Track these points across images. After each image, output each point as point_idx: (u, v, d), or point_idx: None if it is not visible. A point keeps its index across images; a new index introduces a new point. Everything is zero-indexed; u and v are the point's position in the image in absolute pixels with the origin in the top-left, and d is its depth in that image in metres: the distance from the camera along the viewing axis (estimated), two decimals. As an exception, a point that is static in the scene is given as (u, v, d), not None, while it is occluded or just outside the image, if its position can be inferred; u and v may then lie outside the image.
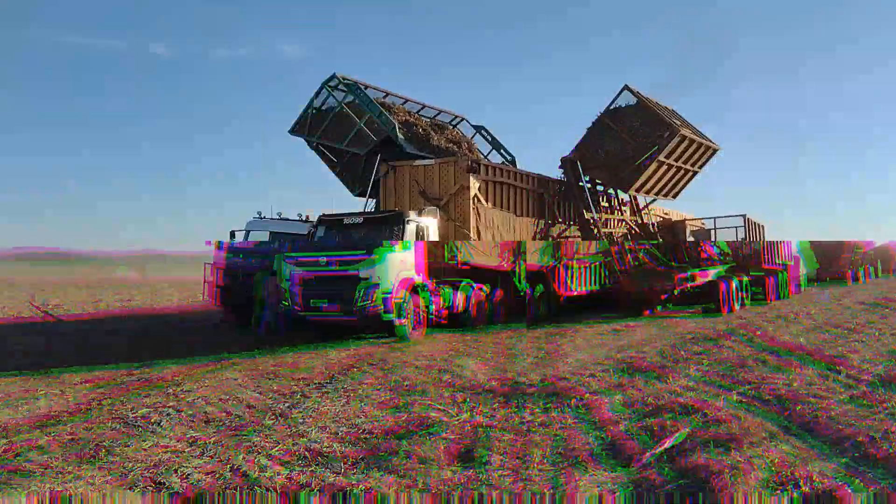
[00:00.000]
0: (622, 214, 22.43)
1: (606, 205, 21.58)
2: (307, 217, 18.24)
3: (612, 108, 19.97)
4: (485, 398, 7.99)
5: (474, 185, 16.13)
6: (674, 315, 19.20)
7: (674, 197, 22.72)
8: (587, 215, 19.52)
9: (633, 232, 22.44)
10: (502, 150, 21.54)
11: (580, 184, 19.78)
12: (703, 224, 25.58)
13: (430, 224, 14.94)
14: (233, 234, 17.80)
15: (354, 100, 17.92)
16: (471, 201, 16.02)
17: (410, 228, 14.12)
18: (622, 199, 22.58)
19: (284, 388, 8.89)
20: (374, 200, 17.94)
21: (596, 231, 19.53)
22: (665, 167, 20.45)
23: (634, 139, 19.48)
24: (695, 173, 22.45)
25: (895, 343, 12.19)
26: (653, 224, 23.45)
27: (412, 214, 14.52)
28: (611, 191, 21.64)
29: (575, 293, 19.29)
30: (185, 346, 13.86)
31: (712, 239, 24.35)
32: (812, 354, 10.81)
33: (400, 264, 14.09)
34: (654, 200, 22.81)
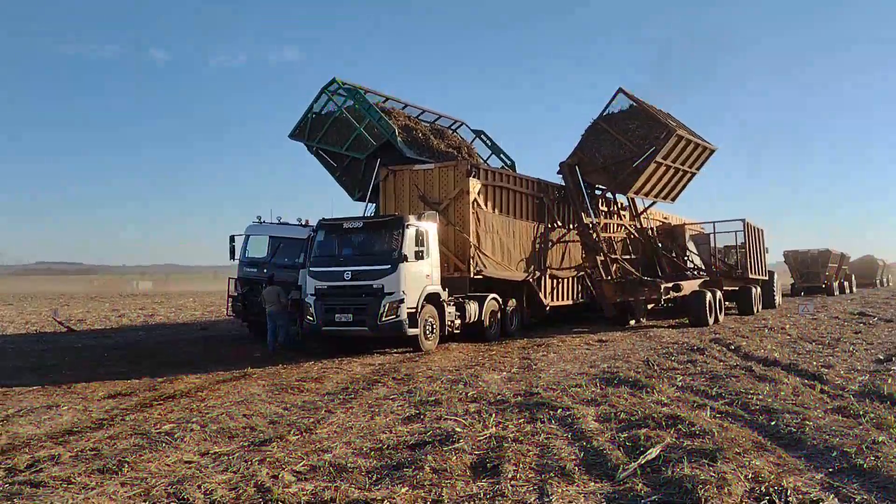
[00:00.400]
0: (622, 219, 22.59)
1: (605, 209, 21.74)
2: (307, 222, 18.32)
3: (607, 111, 20.08)
4: (500, 409, 8.08)
5: (474, 189, 16.20)
6: (657, 326, 19.46)
7: (672, 200, 22.83)
8: (586, 220, 19.65)
9: (632, 237, 22.61)
10: (502, 155, 21.66)
11: (579, 188, 19.90)
12: (702, 229, 25.73)
13: (430, 228, 14.98)
14: (232, 239, 17.88)
15: (354, 104, 18.00)
16: (470, 205, 16.08)
17: (410, 233, 14.17)
18: (622, 204, 22.74)
19: (308, 402, 8.97)
20: (374, 205, 18.03)
21: (595, 235, 19.68)
22: (663, 168, 20.55)
23: (631, 142, 19.59)
24: (693, 175, 22.55)
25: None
26: (651, 229, 23.62)
27: (412, 219, 14.56)
28: (609, 195, 21.81)
29: (561, 304, 19.69)
30: (207, 359, 14.06)
31: (711, 244, 24.55)
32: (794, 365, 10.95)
33: (421, 277, 14.26)
34: (654, 203, 22.94)
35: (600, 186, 20.95)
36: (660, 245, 23.38)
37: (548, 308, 19.12)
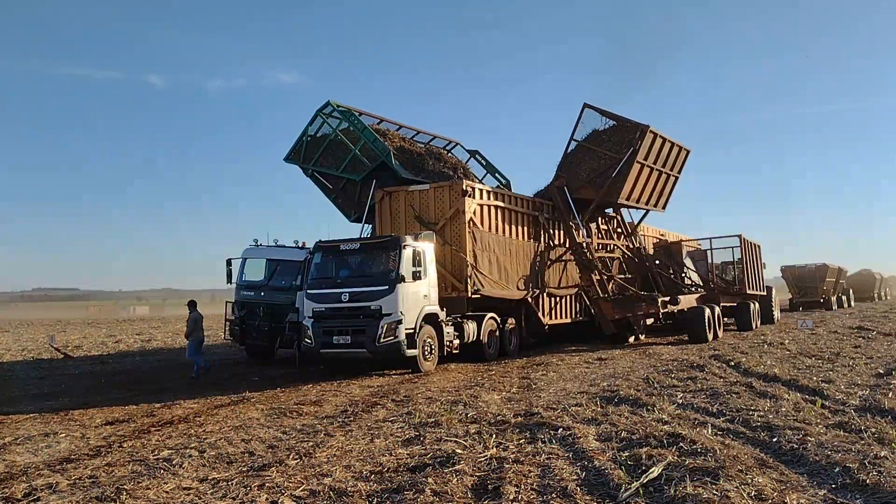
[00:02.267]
0: (616, 237, 22.62)
1: (596, 230, 21.77)
2: (303, 244, 18.33)
3: (578, 128, 20.18)
4: (500, 429, 8.04)
5: (469, 208, 16.26)
6: (656, 343, 19.43)
7: (663, 207, 22.91)
8: (578, 239, 19.69)
9: (626, 257, 22.62)
10: (497, 174, 21.75)
11: (569, 208, 19.92)
12: (699, 245, 25.78)
13: (427, 249, 15.02)
14: (229, 262, 17.89)
15: (349, 126, 18.09)
16: (466, 225, 16.12)
17: (407, 253, 14.21)
18: (616, 221, 22.80)
19: (307, 426, 8.91)
20: (371, 226, 18.06)
21: (589, 254, 19.69)
22: (646, 172, 20.73)
23: (610, 150, 19.79)
24: (676, 178, 22.73)
25: None
26: (643, 248, 23.65)
27: (408, 239, 14.61)
28: (599, 210, 21.86)
29: (559, 322, 19.66)
30: (205, 384, 14.01)
31: (708, 260, 24.59)
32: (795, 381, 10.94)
33: (419, 297, 14.25)
34: (647, 214, 23.00)
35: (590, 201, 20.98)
36: (657, 262, 23.40)
37: (546, 327, 19.11)
